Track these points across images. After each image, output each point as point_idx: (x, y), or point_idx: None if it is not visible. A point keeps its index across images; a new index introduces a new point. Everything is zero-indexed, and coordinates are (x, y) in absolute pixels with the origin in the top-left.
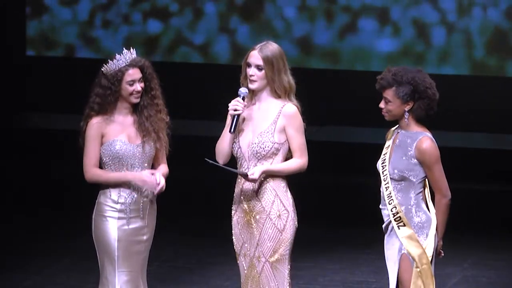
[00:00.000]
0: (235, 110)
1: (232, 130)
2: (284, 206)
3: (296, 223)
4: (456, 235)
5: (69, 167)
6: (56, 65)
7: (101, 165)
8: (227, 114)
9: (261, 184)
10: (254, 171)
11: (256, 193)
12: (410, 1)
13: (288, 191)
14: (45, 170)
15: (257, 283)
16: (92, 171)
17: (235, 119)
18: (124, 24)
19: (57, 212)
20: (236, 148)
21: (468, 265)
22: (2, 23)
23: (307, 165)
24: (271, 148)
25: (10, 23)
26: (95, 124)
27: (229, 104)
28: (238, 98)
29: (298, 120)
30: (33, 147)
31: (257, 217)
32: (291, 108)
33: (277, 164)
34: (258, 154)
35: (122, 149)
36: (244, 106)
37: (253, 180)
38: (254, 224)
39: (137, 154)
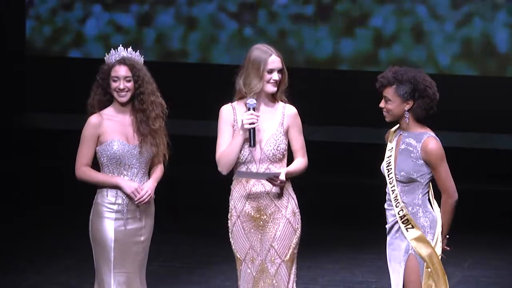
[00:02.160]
0: (251, 123)
1: (252, 144)
2: (296, 205)
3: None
4: (456, 235)
5: (69, 167)
6: (56, 66)
7: (99, 166)
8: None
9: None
10: (281, 173)
11: (268, 194)
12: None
13: (294, 191)
14: (44, 170)
15: (270, 286)
16: (81, 170)
17: (252, 133)
18: (122, 27)
19: (57, 212)
20: (247, 153)
21: (468, 265)
22: (1, 24)
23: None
24: (284, 149)
25: (10, 24)
26: (91, 124)
27: (243, 119)
28: (251, 111)
29: (299, 120)
30: (33, 147)
31: (271, 217)
32: (292, 109)
33: (290, 166)
34: (274, 157)
35: (120, 150)
36: (258, 117)
37: (282, 183)
38: (269, 225)
39: (136, 155)
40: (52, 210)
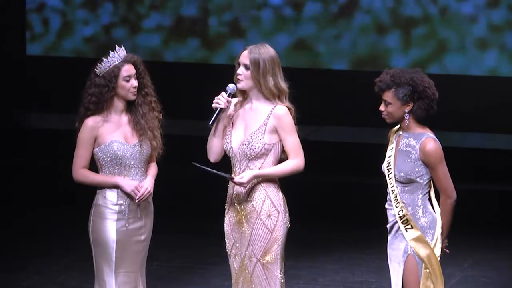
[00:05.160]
0: (218, 103)
1: (210, 123)
2: (275, 206)
3: (288, 223)
4: (456, 235)
5: (69, 167)
6: (56, 65)
7: (97, 167)
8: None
9: (254, 185)
10: (244, 175)
11: (247, 193)
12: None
13: (280, 192)
14: (44, 170)
15: (249, 284)
16: (79, 172)
17: (216, 113)
18: (124, 23)
19: (57, 212)
20: (228, 148)
21: (468, 265)
22: (2, 23)
23: (304, 165)
24: (260, 149)
25: (10, 23)
26: (89, 126)
27: (215, 98)
28: (223, 93)
29: (289, 120)
30: (33, 147)
31: (248, 216)
32: (281, 109)
33: (269, 168)
34: (248, 155)
35: (120, 150)
36: (227, 101)
37: (241, 184)
38: (246, 224)
39: (136, 154)
40: (52, 210)
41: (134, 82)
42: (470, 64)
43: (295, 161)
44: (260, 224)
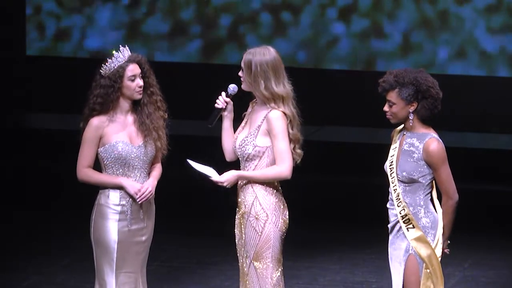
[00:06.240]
0: (217, 104)
1: (209, 123)
2: (263, 209)
3: (283, 227)
4: (456, 235)
5: (69, 167)
6: (56, 65)
7: (101, 167)
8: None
9: (245, 186)
10: (224, 175)
11: (242, 194)
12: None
13: (273, 195)
14: (44, 170)
15: (245, 284)
16: (83, 171)
17: (214, 112)
18: (124, 24)
19: (57, 212)
20: (233, 147)
21: (468, 265)
22: (2, 23)
23: (290, 173)
24: (251, 151)
25: (9, 23)
26: (94, 126)
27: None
28: (223, 93)
29: (279, 126)
30: (33, 147)
31: (243, 217)
32: (274, 113)
33: (254, 171)
34: (242, 156)
35: (124, 151)
36: (226, 102)
37: (221, 184)
38: (242, 225)
39: (140, 155)
40: (52, 210)
41: (139, 82)
42: (470, 65)
43: (279, 168)
44: (249, 226)
